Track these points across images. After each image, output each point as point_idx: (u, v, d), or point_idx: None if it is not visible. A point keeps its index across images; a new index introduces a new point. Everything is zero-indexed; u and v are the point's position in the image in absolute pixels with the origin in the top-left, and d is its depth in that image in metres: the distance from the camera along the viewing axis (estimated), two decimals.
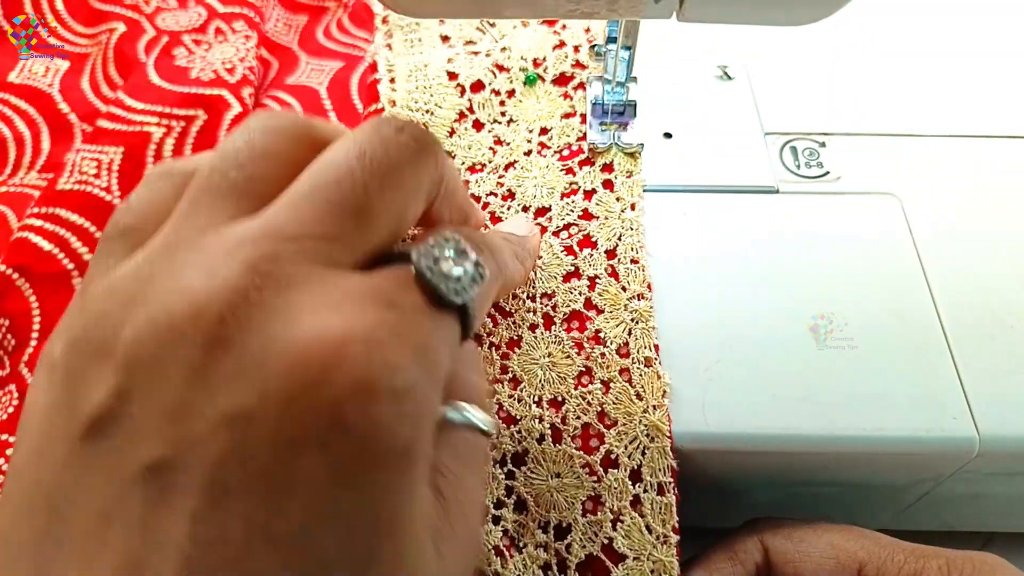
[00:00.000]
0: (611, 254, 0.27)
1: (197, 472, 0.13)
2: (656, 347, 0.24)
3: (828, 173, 0.29)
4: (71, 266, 0.32)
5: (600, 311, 0.26)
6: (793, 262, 0.26)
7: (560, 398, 0.24)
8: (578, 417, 0.24)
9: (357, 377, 0.14)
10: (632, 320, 0.25)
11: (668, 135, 0.30)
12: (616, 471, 0.23)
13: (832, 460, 0.24)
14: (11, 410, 0.30)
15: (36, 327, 0.32)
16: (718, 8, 0.21)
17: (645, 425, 0.23)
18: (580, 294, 0.26)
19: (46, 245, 0.32)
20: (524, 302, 0.26)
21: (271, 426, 0.14)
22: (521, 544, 0.23)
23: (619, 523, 0.23)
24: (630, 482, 0.23)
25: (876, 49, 0.34)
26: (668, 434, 0.23)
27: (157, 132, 0.35)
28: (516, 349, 0.25)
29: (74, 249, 0.32)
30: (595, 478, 0.23)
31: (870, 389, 0.24)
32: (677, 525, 0.23)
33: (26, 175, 0.38)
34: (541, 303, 0.26)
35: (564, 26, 0.34)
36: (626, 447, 0.23)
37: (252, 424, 0.14)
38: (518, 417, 0.24)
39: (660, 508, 0.23)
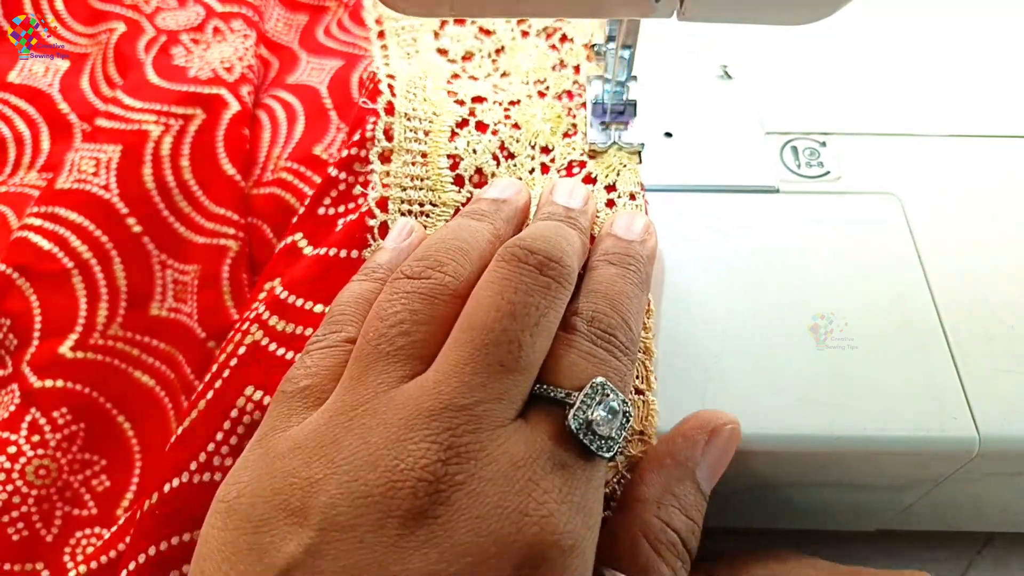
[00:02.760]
0: (611, 188, 0.28)
1: None
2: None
3: (828, 173, 0.29)
4: (71, 265, 0.32)
5: None
6: (793, 262, 0.26)
7: None
8: None
9: (534, 544, 0.16)
10: None
11: (668, 134, 0.30)
12: None
13: (832, 460, 0.24)
14: (12, 408, 0.30)
15: (37, 326, 0.32)
16: (718, 8, 0.21)
17: None
18: None
19: (46, 244, 0.32)
20: None
21: None
22: None
23: None
24: None
25: (876, 49, 0.34)
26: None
27: (155, 130, 0.35)
28: None
29: (74, 248, 0.32)
30: None
31: (870, 389, 0.24)
32: None
33: (26, 175, 0.38)
34: None
35: (564, 37, 0.34)
36: None
37: None
38: None
39: None
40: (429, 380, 0.18)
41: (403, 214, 0.28)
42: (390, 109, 0.31)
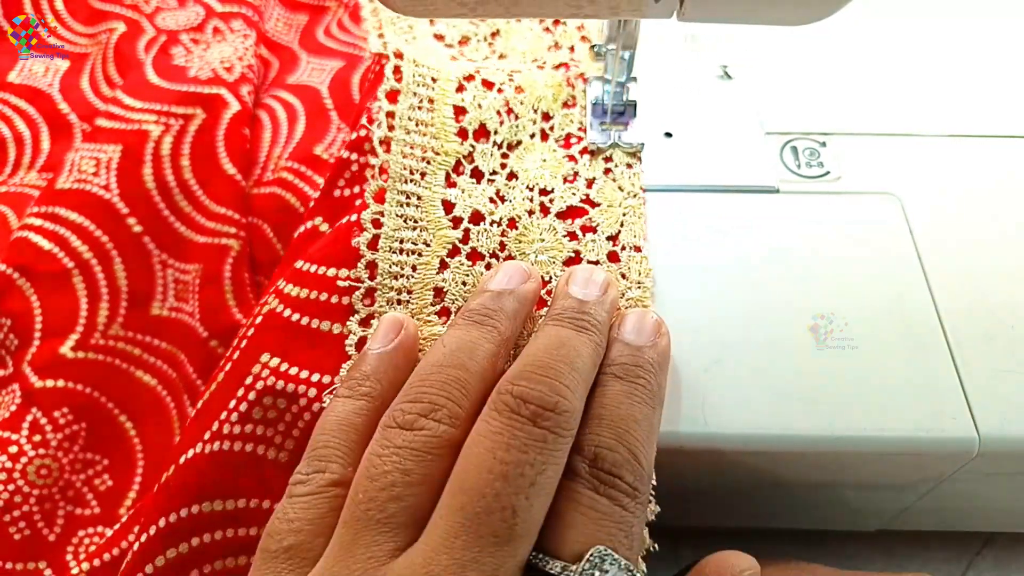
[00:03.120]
0: (614, 240, 0.27)
1: None
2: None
3: (828, 173, 0.29)
4: (71, 265, 0.32)
5: None
6: (793, 262, 0.26)
7: None
8: None
9: None
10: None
11: (668, 135, 0.30)
12: None
13: (832, 460, 0.24)
14: (13, 408, 0.30)
15: (38, 326, 0.32)
16: (718, 8, 0.21)
17: None
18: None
19: (46, 244, 0.32)
20: None
21: None
22: None
23: None
24: None
25: (876, 49, 0.34)
26: None
27: (155, 130, 0.35)
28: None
29: (74, 248, 0.33)
30: None
31: (870, 389, 0.24)
32: None
33: (26, 175, 0.38)
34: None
35: (556, 20, 0.34)
36: None
37: None
38: None
39: None
40: (419, 555, 0.17)
41: (404, 156, 0.29)
42: (399, 55, 0.31)
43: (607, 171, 0.29)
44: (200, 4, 0.42)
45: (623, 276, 0.26)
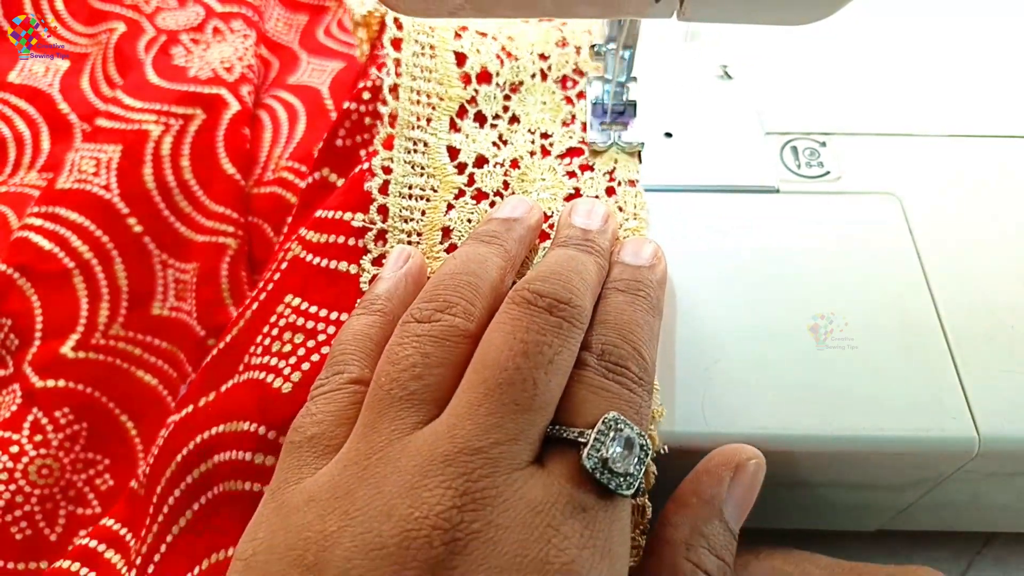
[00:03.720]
0: (610, 175, 0.29)
1: None
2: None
3: (828, 173, 0.29)
4: (72, 265, 0.32)
5: None
6: (793, 262, 0.26)
7: None
8: None
9: None
10: None
11: (668, 135, 0.31)
12: None
13: (832, 460, 0.24)
14: (14, 408, 0.30)
15: (38, 326, 0.32)
16: (718, 8, 0.21)
17: None
18: None
19: (46, 244, 0.32)
20: None
21: None
22: None
23: None
24: None
25: (876, 49, 0.34)
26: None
27: (155, 130, 0.35)
28: None
29: (74, 248, 0.33)
30: None
31: (870, 389, 0.24)
32: None
33: (26, 175, 0.38)
34: None
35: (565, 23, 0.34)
36: None
37: None
38: None
39: None
40: (443, 424, 0.18)
41: (412, 103, 0.29)
42: (397, 21, 0.32)
43: (610, 191, 0.29)
44: (200, 4, 0.42)
45: (620, 209, 0.28)
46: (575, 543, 0.17)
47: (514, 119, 0.31)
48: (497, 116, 0.30)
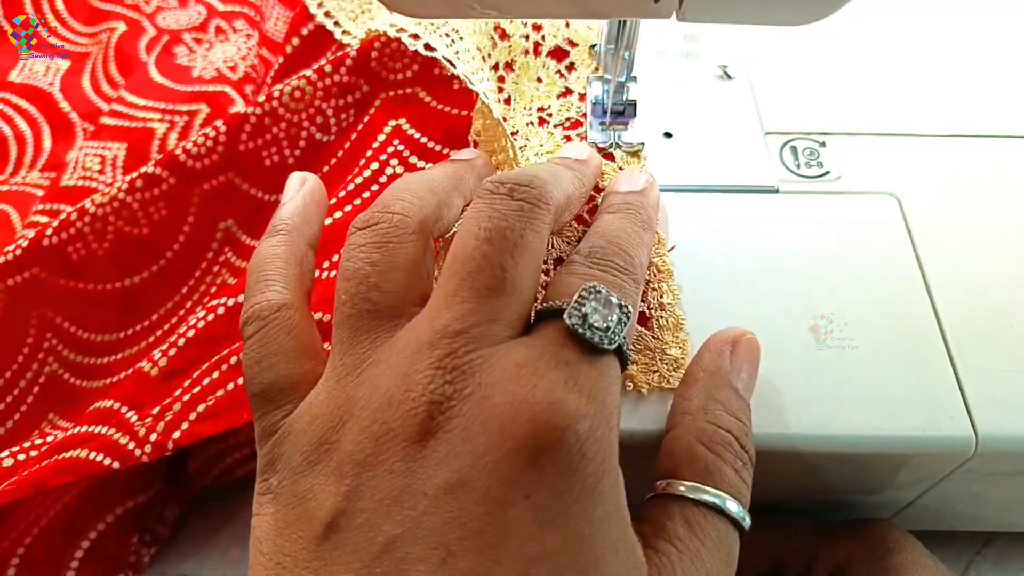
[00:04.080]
0: None
1: (424, 541, 0.16)
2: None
3: (828, 173, 0.29)
4: None
5: None
6: (793, 262, 0.26)
7: None
8: None
9: (546, 432, 0.16)
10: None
11: (668, 135, 0.31)
12: None
13: (831, 460, 0.24)
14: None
15: None
16: (718, 8, 0.21)
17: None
18: None
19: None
20: None
21: (482, 489, 0.16)
22: None
23: None
24: None
25: (876, 49, 0.34)
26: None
27: (160, 127, 0.35)
28: None
29: None
30: None
31: (869, 389, 0.24)
32: None
33: (27, 174, 0.38)
34: None
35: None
36: None
37: (466, 491, 0.16)
38: None
39: None
40: (423, 317, 0.19)
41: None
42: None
43: (609, 156, 0.29)
44: (202, 3, 0.42)
45: (620, 168, 0.28)
46: (559, 386, 0.17)
47: (508, 101, 0.31)
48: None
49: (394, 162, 0.30)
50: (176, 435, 0.25)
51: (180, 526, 0.31)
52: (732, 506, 0.19)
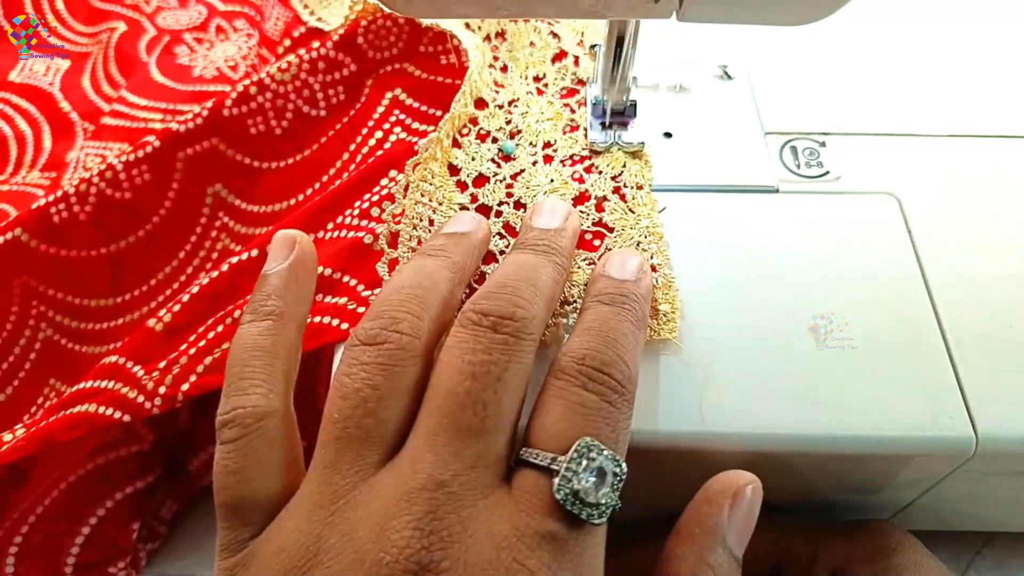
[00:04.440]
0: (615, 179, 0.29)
1: None
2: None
3: (828, 173, 0.29)
4: None
5: None
6: (793, 262, 0.26)
7: None
8: None
9: None
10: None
11: (668, 135, 0.31)
12: None
13: (830, 460, 0.24)
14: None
15: None
16: (718, 8, 0.21)
17: None
18: None
19: None
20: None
21: None
22: None
23: None
24: None
25: (876, 49, 0.34)
26: None
27: (161, 128, 0.35)
28: None
29: None
30: None
31: (869, 389, 0.24)
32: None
33: (28, 174, 0.38)
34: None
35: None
36: None
37: None
38: None
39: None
40: (404, 459, 0.18)
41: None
42: None
43: (617, 191, 0.29)
44: (203, 3, 0.42)
45: (631, 211, 0.27)
46: (543, 572, 0.16)
47: (515, 133, 0.31)
48: (499, 129, 0.31)
49: (397, 129, 0.32)
50: (185, 387, 0.25)
51: (180, 526, 0.31)
52: None
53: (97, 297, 0.31)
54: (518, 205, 0.28)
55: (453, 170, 0.29)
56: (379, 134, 0.31)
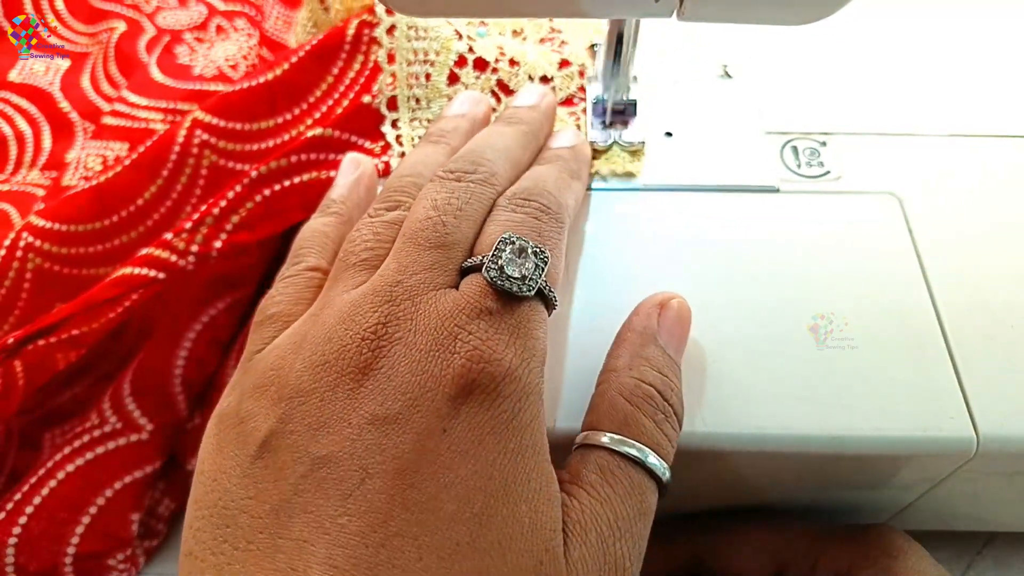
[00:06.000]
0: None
1: (346, 464, 0.18)
2: None
3: (829, 173, 0.29)
4: None
5: None
6: (793, 262, 0.26)
7: None
8: None
9: (463, 375, 0.18)
10: None
11: (669, 134, 0.31)
12: None
13: (831, 460, 0.24)
14: None
15: None
16: (718, 7, 0.21)
17: None
18: None
19: None
20: None
21: (403, 423, 0.18)
22: None
23: None
24: None
25: (876, 49, 0.34)
26: None
27: (162, 128, 0.35)
28: None
29: None
30: None
31: (869, 389, 0.24)
32: None
33: (28, 173, 0.38)
34: None
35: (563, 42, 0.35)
36: None
37: (389, 423, 0.18)
38: None
39: None
40: (377, 275, 0.21)
41: (408, 63, 0.31)
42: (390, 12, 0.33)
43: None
44: (203, 3, 0.42)
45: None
46: (479, 335, 0.19)
47: (513, 62, 0.31)
48: (497, 59, 0.31)
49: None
50: (217, 244, 0.27)
51: (180, 526, 0.31)
52: (653, 459, 0.20)
53: (80, 222, 0.31)
54: (512, 63, 0.31)
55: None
56: (360, 58, 0.31)
